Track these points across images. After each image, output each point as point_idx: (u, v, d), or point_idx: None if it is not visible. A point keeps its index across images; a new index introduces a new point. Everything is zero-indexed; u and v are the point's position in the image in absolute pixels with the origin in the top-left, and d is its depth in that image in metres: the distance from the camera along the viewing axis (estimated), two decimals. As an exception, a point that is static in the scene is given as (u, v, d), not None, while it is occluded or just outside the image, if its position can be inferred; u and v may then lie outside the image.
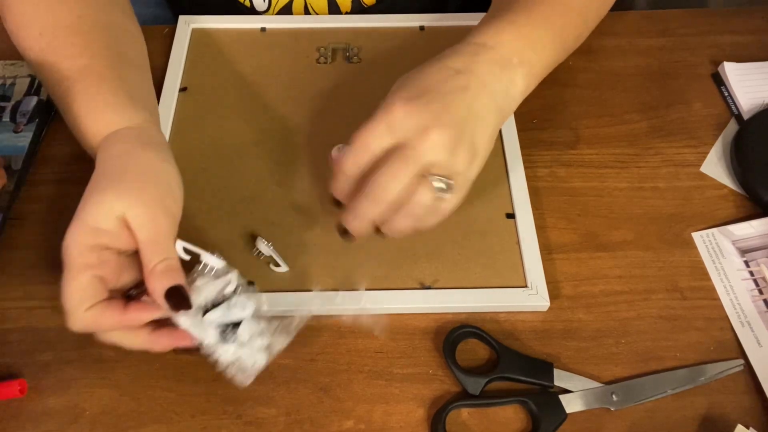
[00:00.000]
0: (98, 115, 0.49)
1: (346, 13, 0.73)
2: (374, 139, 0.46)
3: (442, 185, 0.46)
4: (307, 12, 0.72)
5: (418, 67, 0.50)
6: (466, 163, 0.47)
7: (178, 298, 0.43)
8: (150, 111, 0.52)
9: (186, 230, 0.55)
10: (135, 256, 0.45)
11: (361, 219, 0.47)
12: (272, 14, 0.72)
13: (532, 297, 0.52)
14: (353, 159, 0.47)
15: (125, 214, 0.43)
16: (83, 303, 0.43)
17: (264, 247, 0.53)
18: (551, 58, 0.54)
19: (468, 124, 0.47)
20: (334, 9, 0.72)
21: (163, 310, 0.44)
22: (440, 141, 0.45)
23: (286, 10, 0.72)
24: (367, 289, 0.52)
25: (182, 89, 0.65)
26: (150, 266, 0.43)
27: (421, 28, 0.71)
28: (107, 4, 0.56)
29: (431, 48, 0.68)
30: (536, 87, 0.63)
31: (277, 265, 0.53)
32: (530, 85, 0.52)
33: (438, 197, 0.47)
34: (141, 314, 0.44)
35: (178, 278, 0.44)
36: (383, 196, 0.46)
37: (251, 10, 0.72)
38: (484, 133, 0.48)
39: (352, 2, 0.72)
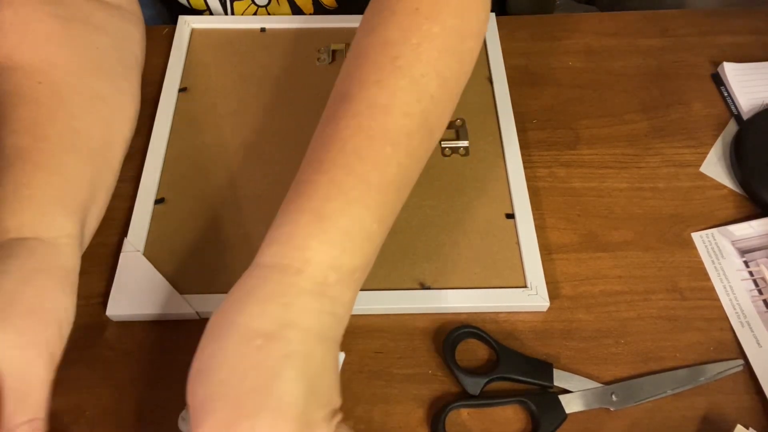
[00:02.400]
0: (14, 210, 0.42)
1: (310, 14, 0.73)
2: None
3: None
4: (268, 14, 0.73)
5: (213, 345, 0.36)
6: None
7: None
8: (76, 220, 0.45)
9: (184, 232, 0.55)
10: None
11: None
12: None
13: (532, 297, 0.52)
14: None
15: None
16: None
17: None
18: (379, 237, 0.42)
19: (307, 399, 0.35)
20: (296, 11, 0.73)
21: None
22: None
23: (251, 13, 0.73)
24: (367, 290, 0.53)
25: (182, 89, 0.65)
26: (10, 425, 0.36)
27: None
28: (95, 68, 0.52)
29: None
30: (536, 87, 0.63)
31: None
32: (358, 286, 0.41)
33: None
34: None
35: None
36: None
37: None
38: (331, 383, 0.38)
39: (314, 4, 0.72)
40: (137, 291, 0.52)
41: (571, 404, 0.48)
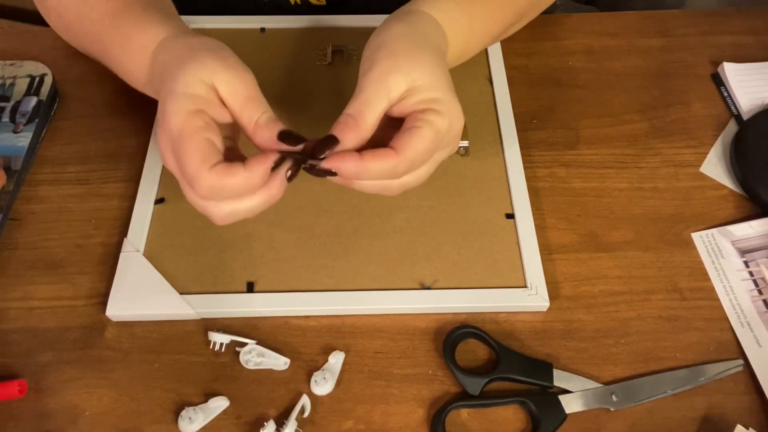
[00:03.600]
0: (148, 28, 0.50)
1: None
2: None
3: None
4: None
5: (383, 35, 0.49)
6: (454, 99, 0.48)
7: (292, 137, 0.43)
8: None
9: (184, 232, 0.55)
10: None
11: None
12: None
13: (532, 297, 0.52)
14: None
15: (213, 81, 0.44)
16: (206, 161, 0.41)
17: None
18: (469, 44, 0.55)
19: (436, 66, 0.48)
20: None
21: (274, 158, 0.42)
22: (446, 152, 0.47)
23: None
24: (367, 290, 0.53)
25: None
26: (253, 122, 0.43)
27: None
28: None
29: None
30: (536, 87, 0.63)
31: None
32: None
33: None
34: (263, 164, 0.42)
35: (282, 125, 0.44)
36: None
37: None
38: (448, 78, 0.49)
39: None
40: (137, 291, 0.52)
41: (571, 404, 0.48)
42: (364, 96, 0.45)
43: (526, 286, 0.53)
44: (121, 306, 0.51)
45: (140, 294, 0.52)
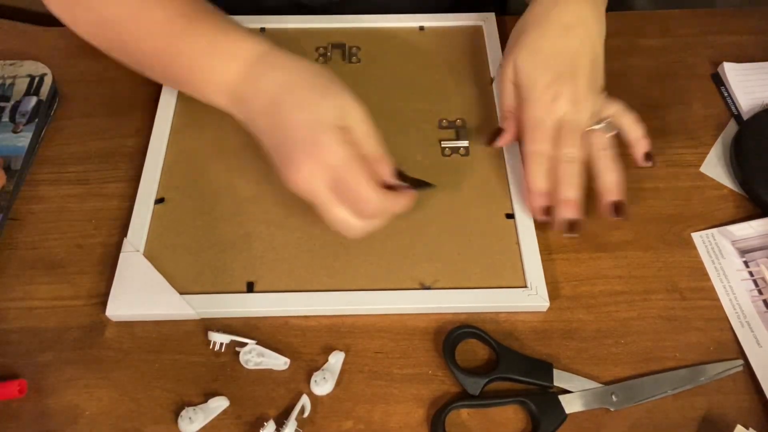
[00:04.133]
0: (236, 37, 0.53)
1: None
2: (541, 134, 0.55)
3: (604, 126, 0.55)
4: None
5: (535, 33, 0.57)
6: (603, 100, 0.56)
7: (402, 176, 0.51)
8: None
9: (184, 232, 0.55)
10: None
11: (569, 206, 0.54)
12: None
13: (532, 297, 0.52)
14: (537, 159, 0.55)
15: (349, 115, 0.49)
16: (375, 185, 0.48)
17: None
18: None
19: (594, 73, 0.56)
20: None
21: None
22: (587, 107, 0.54)
23: None
24: (367, 290, 0.53)
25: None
26: (378, 156, 0.50)
27: (421, 28, 0.71)
28: None
29: (431, 48, 0.69)
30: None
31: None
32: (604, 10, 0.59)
33: (608, 135, 0.55)
34: (411, 194, 0.51)
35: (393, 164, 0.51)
36: (574, 177, 0.54)
37: None
38: (601, 66, 0.57)
39: None
40: (137, 291, 0.52)
41: (571, 404, 0.48)
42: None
43: (526, 286, 0.53)
44: (121, 306, 0.51)
45: (140, 294, 0.52)
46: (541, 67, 0.55)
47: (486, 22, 0.71)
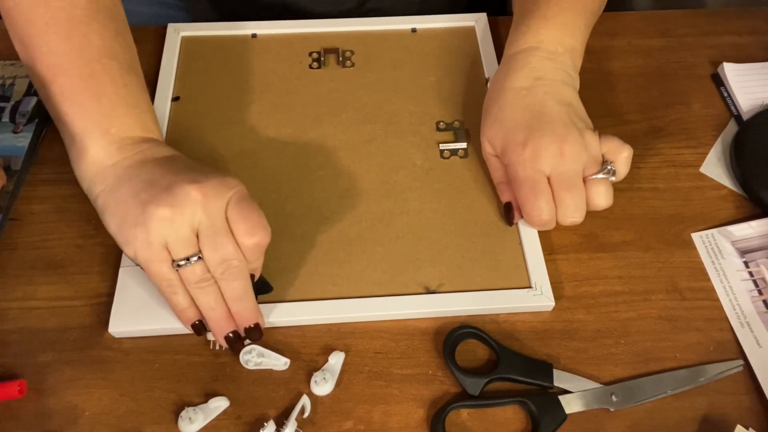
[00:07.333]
0: (128, 114, 0.52)
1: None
2: (537, 201, 0.52)
3: (605, 173, 0.53)
4: None
5: (495, 107, 0.56)
6: (595, 139, 0.53)
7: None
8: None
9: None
10: None
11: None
12: None
13: (537, 297, 0.52)
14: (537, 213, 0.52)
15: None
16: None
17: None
18: (585, 33, 0.60)
19: (570, 115, 0.53)
20: None
21: None
22: (573, 150, 0.51)
23: None
24: (372, 296, 0.52)
25: (174, 99, 0.64)
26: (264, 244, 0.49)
27: (413, 30, 0.71)
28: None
29: (423, 50, 0.69)
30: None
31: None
32: (578, 62, 0.59)
33: (609, 180, 0.53)
34: None
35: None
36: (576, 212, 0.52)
37: None
38: (581, 109, 0.56)
39: None
40: (139, 306, 0.51)
41: (571, 405, 0.48)
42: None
43: (530, 287, 0.53)
44: (124, 323, 0.51)
45: (142, 309, 0.51)
46: (510, 130, 0.54)
47: (478, 22, 0.71)
